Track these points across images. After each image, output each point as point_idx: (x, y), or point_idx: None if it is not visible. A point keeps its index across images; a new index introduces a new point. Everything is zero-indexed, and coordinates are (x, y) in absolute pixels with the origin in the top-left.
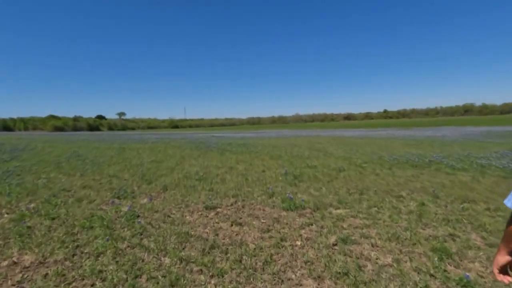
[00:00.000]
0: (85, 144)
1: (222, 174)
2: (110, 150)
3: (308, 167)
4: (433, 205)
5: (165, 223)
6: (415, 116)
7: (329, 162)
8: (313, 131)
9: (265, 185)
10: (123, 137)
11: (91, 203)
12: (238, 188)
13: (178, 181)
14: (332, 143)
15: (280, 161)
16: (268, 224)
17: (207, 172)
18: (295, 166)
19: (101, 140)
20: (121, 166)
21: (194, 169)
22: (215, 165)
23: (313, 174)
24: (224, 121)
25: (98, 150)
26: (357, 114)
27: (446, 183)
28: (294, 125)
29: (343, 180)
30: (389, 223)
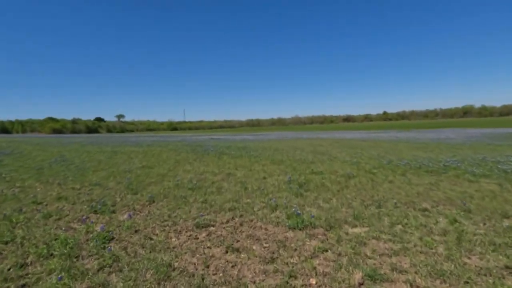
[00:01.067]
0: (77, 148)
1: (219, 182)
2: (100, 154)
3: (314, 173)
4: (469, 222)
5: (144, 248)
6: (415, 118)
7: (336, 167)
8: (313, 133)
9: (266, 195)
10: (119, 139)
11: (60, 220)
12: (236, 199)
13: (168, 191)
14: (335, 145)
15: (282, 166)
16: (272, 251)
17: (202, 179)
18: (299, 172)
19: (96, 143)
20: (108, 173)
21: (188, 176)
22: (211, 171)
23: (320, 181)
24: (223, 123)
25: (88, 154)
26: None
27: (472, 192)
28: (294, 127)
29: (355, 189)
30: (422, 248)
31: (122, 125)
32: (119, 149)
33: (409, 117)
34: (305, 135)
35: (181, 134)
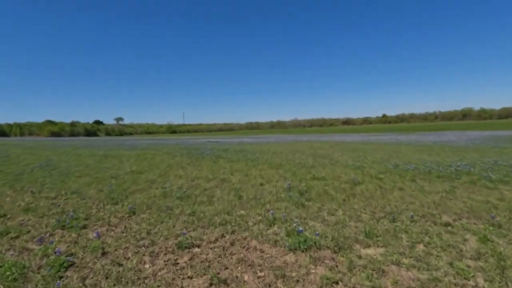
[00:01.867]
0: (68, 151)
1: (211, 189)
2: (90, 157)
3: (315, 179)
4: (503, 241)
5: (108, 278)
6: (414, 120)
7: (339, 172)
8: (313, 136)
9: (263, 205)
10: (115, 142)
11: (17, 238)
12: (228, 210)
13: (153, 201)
14: (336, 148)
15: (281, 170)
16: (268, 283)
17: (193, 186)
18: (299, 177)
19: (90, 146)
20: (91, 179)
21: (178, 182)
22: (204, 176)
23: (322, 188)
24: (223, 126)
25: (78, 157)
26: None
27: (496, 202)
28: (293, 130)
29: (362, 197)
30: (456, 278)
31: (121, 128)
32: (111, 152)
33: (409, 120)
34: (304, 138)
35: (179, 137)
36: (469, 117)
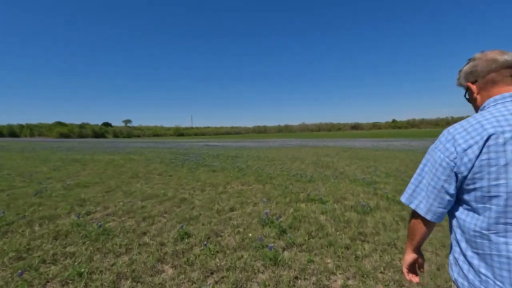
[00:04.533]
0: (36, 155)
1: (153, 217)
2: (49, 163)
3: (309, 201)
4: None
5: None
6: (425, 126)
7: (343, 191)
8: (319, 141)
9: (214, 257)
10: (107, 145)
11: None
12: (139, 275)
13: (28, 245)
14: (343, 156)
15: (268, 186)
16: None
17: (131, 212)
18: (288, 198)
19: (76, 148)
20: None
21: (118, 203)
22: (162, 193)
23: (316, 220)
24: (230, 129)
25: (32, 161)
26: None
27: None
28: (300, 134)
29: (379, 247)
30: None
31: (128, 130)
32: (86, 157)
33: (419, 125)
34: (310, 143)
35: (184, 140)
36: None
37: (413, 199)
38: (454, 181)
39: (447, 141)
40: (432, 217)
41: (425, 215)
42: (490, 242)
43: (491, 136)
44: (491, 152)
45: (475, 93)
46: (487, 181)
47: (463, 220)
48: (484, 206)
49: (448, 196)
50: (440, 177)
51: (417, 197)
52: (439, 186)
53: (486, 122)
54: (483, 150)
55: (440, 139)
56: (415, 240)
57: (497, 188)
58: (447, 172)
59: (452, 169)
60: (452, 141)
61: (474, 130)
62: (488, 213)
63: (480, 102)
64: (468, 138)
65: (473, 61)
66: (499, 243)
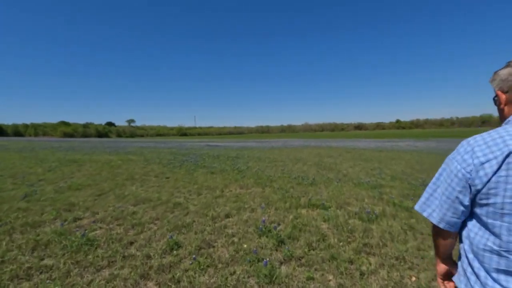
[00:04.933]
0: (32, 156)
1: (142, 225)
2: (45, 164)
3: (310, 207)
4: None
5: None
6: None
7: (346, 195)
8: (323, 141)
9: (203, 272)
10: (106, 145)
11: None
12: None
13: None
14: (346, 157)
15: (268, 189)
16: None
17: (121, 218)
18: (288, 203)
19: (76, 148)
20: None
21: (108, 209)
22: (156, 197)
23: (317, 229)
24: (233, 129)
25: (27, 162)
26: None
27: None
28: (303, 134)
29: (387, 258)
30: None
31: (132, 130)
32: (84, 157)
33: (423, 126)
34: (313, 143)
35: (186, 140)
36: (488, 124)
37: (426, 207)
38: (468, 192)
39: (466, 152)
40: (445, 226)
41: (438, 224)
42: (500, 258)
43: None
44: (510, 169)
45: (502, 104)
46: (501, 198)
47: (474, 233)
48: (495, 223)
49: (462, 207)
50: (455, 188)
51: (431, 205)
52: (453, 196)
53: (509, 138)
54: (502, 167)
55: (459, 149)
56: (439, 250)
57: (511, 206)
58: (462, 183)
59: (467, 181)
60: (470, 153)
61: (495, 145)
62: (498, 230)
63: (507, 114)
64: (487, 152)
65: (511, 67)
66: (509, 260)
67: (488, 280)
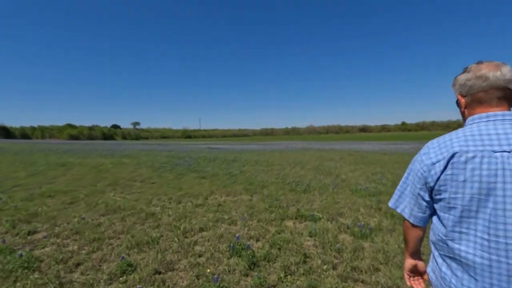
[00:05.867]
0: (20, 158)
1: (101, 240)
2: (29, 167)
3: (298, 219)
4: None
5: None
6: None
7: (342, 204)
8: (326, 144)
9: None
10: (106, 147)
11: None
12: None
13: None
14: (348, 160)
15: (257, 196)
16: None
17: (83, 229)
18: (274, 214)
19: (72, 150)
20: None
21: (73, 220)
22: (131, 206)
23: (300, 248)
24: (237, 131)
25: (11, 165)
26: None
27: None
28: (307, 137)
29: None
30: None
31: (137, 132)
32: (76, 160)
33: (429, 128)
34: (316, 146)
35: (189, 142)
36: None
37: (399, 204)
38: (426, 189)
39: (424, 154)
40: (414, 220)
41: (408, 218)
42: (448, 247)
43: (455, 154)
44: (454, 168)
45: (463, 107)
46: (448, 194)
47: (434, 224)
48: (445, 215)
49: (424, 202)
50: (416, 185)
51: (403, 202)
52: (416, 193)
53: (456, 140)
54: (448, 166)
55: (420, 151)
56: (408, 245)
57: (455, 201)
58: (421, 181)
59: (424, 179)
60: (427, 155)
61: (445, 147)
62: (446, 222)
63: (466, 117)
64: (438, 153)
65: (467, 73)
66: (453, 248)
67: (443, 266)
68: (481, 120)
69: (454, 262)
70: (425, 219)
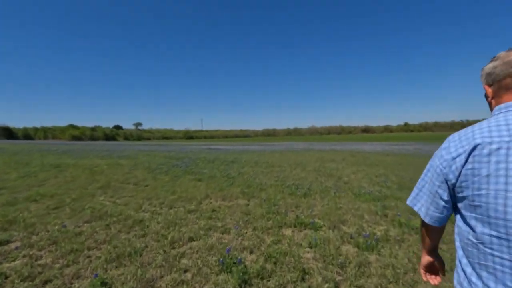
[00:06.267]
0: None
1: (79, 251)
2: (24, 167)
3: (297, 227)
4: None
5: None
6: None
7: (344, 209)
8: (328, 144)
9: None
10: (106, 147)
11: None
12: None
13: None
14: (350, 161)
15: (255, 201)
16: None
17: (62, 238)
18: (272, 221)
19: (69, 151)
20: None
21: (51, 228)
22: (119, 211)
23: (299, 262)
24: (239, 132)
25: (3, 166)
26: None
27: None
28: (309, 138)
29: None
30: None
31: (139, 133)
32: (72, 161)
33: (432, 129)
34: (317, 146)
35: (191, 143)
36: None
37: (417, 202)
38: (446, 187)
39: (444, 148)
40: (430, 220)
41: (424, 218)
42: (479, 252)
43: (477, 146)
44: (475, 162)
45: (490, 97)
46: (471, 190)
47: (459, 227)
48: (471, 215)
49: (442, 202)
50: (435, 183)
51: (420, 200)
52: (434, 191)
53: (478, 132)
54: (469, 160)
55: (441, 145)
56: (425, 242)
57: (479, 198)
58: (440, 178)
59: (444, 175)
60: (447, 149)
61: (466, 139)
62: (474, 222)
63: (493, 108)
64: (459, 146)
65: (495, 61)
66: (485, 253)
67: (473, 276)
68: (508, 109)
69: (485, 271)
70: (442, 220)
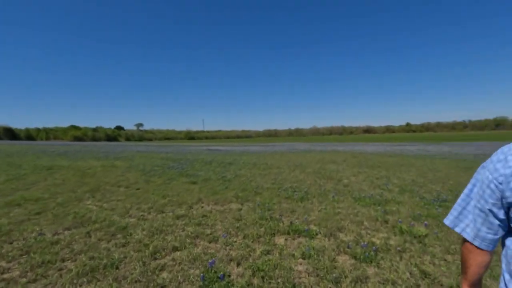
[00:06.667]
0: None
1: (50, 263)
2: (14, 169)
3: (291, 235)
4: None
5: None
6: (440, 130)
7: (342, 216)
8: (329, 145)
9: None
10: (106, 149)
11: None
12: None
13: None
14: (351, 162)
15: (249, 204)
16: None
17: (37, 248)
18: (264, 228)
19: (66, 153)
20: None
21: (29, 235)
22: (102, 218)
23: (289, 275)
24: (240, 133)
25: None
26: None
27: None
28: (311, 138)
29: None
30: None
31: (140, 134)
32: (66, 163)
33: (434, 129)
34: (319, 147)
35: (191, 143)
36: (503, 127)
37: (459, 222)
38: (502, 205)
39: (499, 161)
40: (481, 243)
41: (472, 240)
42: None
43: None
44: None
45: None
46: None
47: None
48: None
49: (497, 221)
50: (487, 200)
51: (464, 220)
52: (486, 209)
53: None
54: None
55: (492, 157)
56: (468, 273)
57: None
58: (495, 196)
59: (499, 192)
60: (503, 162)
61: None
62: None
63: None
64: None
65: None
66: None
67: None
68: None
69: None
70: (495, 242)
